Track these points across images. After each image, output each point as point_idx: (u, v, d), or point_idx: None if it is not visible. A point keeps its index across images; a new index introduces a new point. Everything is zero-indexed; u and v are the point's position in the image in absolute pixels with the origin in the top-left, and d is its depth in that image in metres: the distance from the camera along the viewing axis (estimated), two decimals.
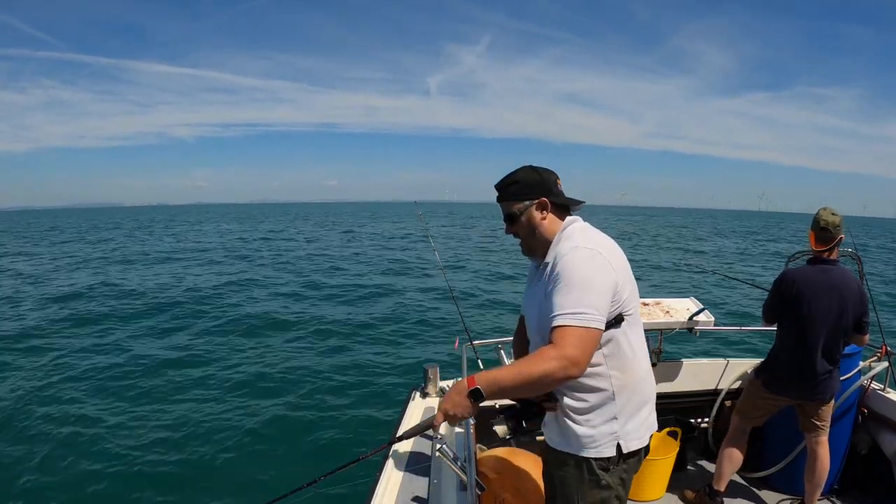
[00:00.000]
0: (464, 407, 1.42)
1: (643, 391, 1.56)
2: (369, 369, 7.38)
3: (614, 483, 1.52)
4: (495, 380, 1.37)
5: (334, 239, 32.53)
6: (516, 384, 1.34)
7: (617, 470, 1.52)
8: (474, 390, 1.38)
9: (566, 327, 1.33)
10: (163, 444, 5.15)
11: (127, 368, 7.42)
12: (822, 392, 2.60)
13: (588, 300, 1.35)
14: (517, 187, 1.59)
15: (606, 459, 1.50)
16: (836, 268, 2.57)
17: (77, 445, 5.11)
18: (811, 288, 2.53)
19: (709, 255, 24.76)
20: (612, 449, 1.49)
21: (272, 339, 9.08)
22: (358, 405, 6.15)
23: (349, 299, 12.74)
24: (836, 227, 2.53)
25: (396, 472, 2.20)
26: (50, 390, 6.58)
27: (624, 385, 1.50)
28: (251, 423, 5.68)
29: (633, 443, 1.51)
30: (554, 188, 1.59)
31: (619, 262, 1.49)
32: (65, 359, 7.90)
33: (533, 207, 1.57)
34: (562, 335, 1.33)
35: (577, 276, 1.39)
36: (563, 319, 1.34)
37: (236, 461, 4.87)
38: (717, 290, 13.43)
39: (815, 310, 2.52)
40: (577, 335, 1.32)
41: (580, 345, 1.32)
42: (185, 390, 6.63)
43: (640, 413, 1.54)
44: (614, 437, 1.49)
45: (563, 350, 1.30)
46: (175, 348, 8.49)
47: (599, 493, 1.52)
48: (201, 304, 11.95)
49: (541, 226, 1.58)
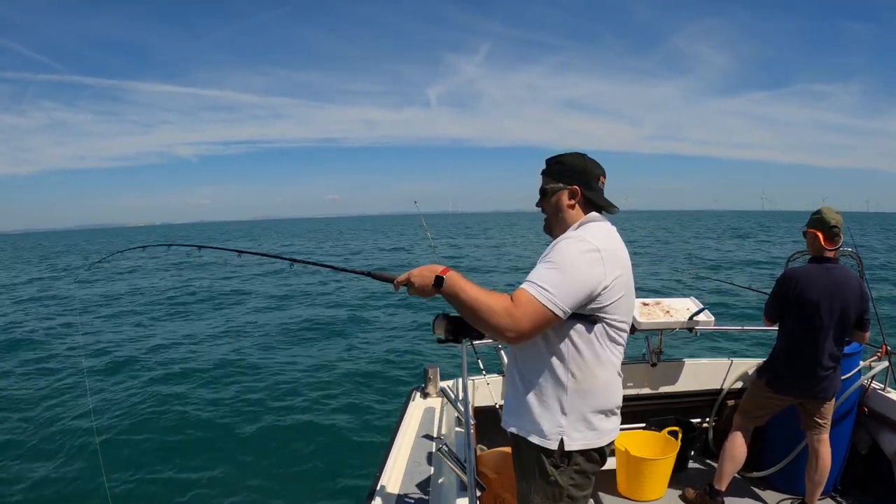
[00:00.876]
0: (425, 283, 1.45)
1: (603, 399, 1.53)
2: (369, 369, 7.39)
3: (564, 482, 1.52)
4: (458, 284, 1.41)
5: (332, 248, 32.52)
6: (468, 302, 1.39)
7: (567, 469, 1.52)
8: (439, 277, 1.43)
9: (526, 293, 1.37)
10: (152, 454, 5.15)
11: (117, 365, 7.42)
12: (825, 390, 2.61)
13: (561, 284, 1.37)
14: (559, 167, 1.61)
15: (551, 452, 1.51)
16: (838, 266, 2.59)
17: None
18: (815, 287, 2.54)
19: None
20: (554, 443, 1.50)
21: (271, 338, 9.08)
22: (357, 405, 6.15)
23: (347, 299, 12.74)
24: (841, 226, 2.56)
25: (396, 471, 2.20)
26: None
27: (580, 386, 1.49)
28: (249, 421, 5.68)
29: (575, 443, 1.50)
30: (594, 182, 1.60)
31: (615, 265, 1.47)
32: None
33: (565, 192, 1.58)
34: (519, 297, 1.37)
35: (563, 260, 1.41)
36: (528, 286, 1.38)
37: (234, 461, 4.88)
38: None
39: (819, 309, 2.52)
40: (531, 305, 1.35)
41: (530, 315, 1.35)
42: (177, 391, 6.64)
43: (593, 418, 1.52)
44: (559, 431, 1.50)
45: (513, 309, 1.35)
46: (170, 350, 8.50)
47: (549, 488, 1.53)
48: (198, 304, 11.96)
49: (565, 211, 1.59)
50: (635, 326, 3.12)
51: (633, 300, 1.58)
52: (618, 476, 2.92)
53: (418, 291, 1.48)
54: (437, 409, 2.98)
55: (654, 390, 3.32)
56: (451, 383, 3.07)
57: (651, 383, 3.31)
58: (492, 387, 3.06)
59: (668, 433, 3.04)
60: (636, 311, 3.15)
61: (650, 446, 2.97)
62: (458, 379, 2.99)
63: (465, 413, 2.09)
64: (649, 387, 3.31)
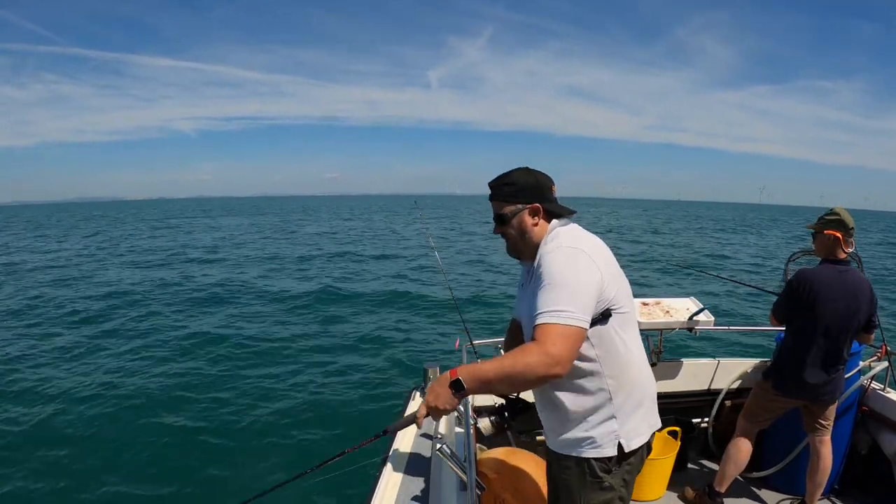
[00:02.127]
0: (446, 399, 1.39)
1: (641, 389, 1.55)
2: (369, 369, 7.38)
3: (616, 484, 1.51)
4: (478, 372, 1.36)
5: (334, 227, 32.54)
6: (498, 378, 1.33)
7: (619, 471, 1.51)
8: (455, 381, 1.37)
9: (548, 325, 1.31)
10: (152, 443, 5.16)
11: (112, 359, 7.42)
12: (832, 392, 2.60)
13: (570, 298, 1.34)
14: (512, 189, 1.57)
15: (608, 460, 1.50)
16: (850, 269, 2.56)
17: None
18: (829, 290, 2.50)
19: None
20: (612, 448, 1.49)
21: (269, 338, 9.07)
22: (357, 405, 6.15)
23: (347, 297, 12.74)
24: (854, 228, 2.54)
25: (396, 472, 2.19)
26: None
27: (620, 384, 1.49)
28: (246, 422, 5.68)
29: (633, 441, 1.51)
30: (549, 194, 1.58)
31: (603, 260, 1.47)
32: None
33: (525, 212, 1.56)
34: (544, 333, 1.31)
35: (560, 275, 1.38)
36: (545, 318, 1.32)
37: (231, 460, 4.88)
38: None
39: (833, 311, 2.49)
40: (560, 333, 1.30)
41: (562, 342, 1.30)
42: (179, 384, 6.63)
43: (638, 411, 1.53)
44: (614, 436, 1.49)
45: (545, 347, 1.29)
46: (169, 340, 8.50)
47: (602, 494, 1.51)
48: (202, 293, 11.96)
49: (531, 231, 1.57)
50: None
51: (628, 285, 1.57)
52: None
53: (444, 409, 1.40)
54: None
55: None
56: None
57: None
58: None
59: (668, 433, 3.04)
60: (636, 312, 3.16)
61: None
62: None
63: (465, 413, 2.09)
64: None
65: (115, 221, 54.17)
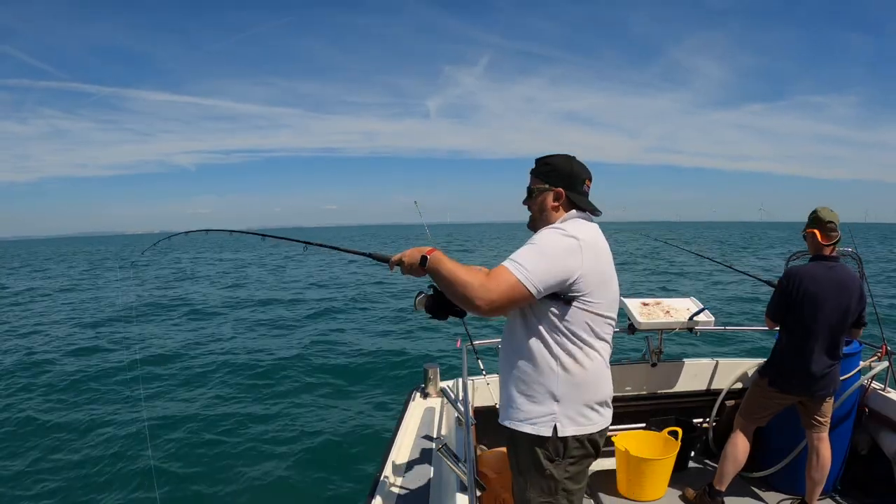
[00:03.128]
0: (413, 262, 1.56)
1: (594, 386, 1.57)
2: (369, 369, 7.39)
3: (559, 475, 1.54)
4: (440, 261, 1.52)
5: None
6: (447, 278, 1.49)
7: (562, 462, 1.54)
8: (424, 256, 1.53)
9: (503, 268, 1.45)
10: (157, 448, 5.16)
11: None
12: (826, 388, 2.62)
13: (536, 263, 1.45)
14: (546, 168, 1.66)
15: (544, 441, 1.53)
16: (839, 265, 2.61)
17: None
18: (818, 285, 2.56)
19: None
20: (548, 429, 1.53)
21: (267, 337, 9.08)
22: (357, 405, 6.16)
23: (348, 297, 12.74)
24: (837, 223, 2.59)
25: (397, 471, 2.20)
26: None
27: (570, 371, 1.53)
28: (248, 422, 5.69)
29: (569, 428, 1.53)
30: (579, 186, 1.65)
31: (592, 257, 1.51)
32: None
33: (550, 194, 1.64)
34: (496, 272, 1.46)
35: (542, 243, 1.50)
36: (507, 262, 1.47)
37: (232, 461, 4.88)
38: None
39: (822, 306, 2.54)
40: (506, 278, 1.43)
41: (502, 287, 1.43)
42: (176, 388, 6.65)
43: (584, 408, 1.56)
44: (551, 417, 1.53)
45: (488, 282, 1.44)
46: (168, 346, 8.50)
47: (545, 482, 1.55)
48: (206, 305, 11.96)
49: (549, 212, 1.64)
50: (635, 326, 3.12)
51: (616, 293, 1.62)
52: (618, 476, 2.91)
53: (409, 270, 1.59)
54: (437, 409, 2.98)
55: (654, 390, 3.32)
56: (451, 383, 3.07)
57: (651, 383, 3.31)
58: (492, 387, 3.06)
59: (668, 433, 3.04)
60: (636, 312, 3.16)
61: (650, 446, 2.97)
62: (458, 379, 2.99)
63: (465, 413, 2.09)
64: (649, 387, 3.31)
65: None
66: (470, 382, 2.85)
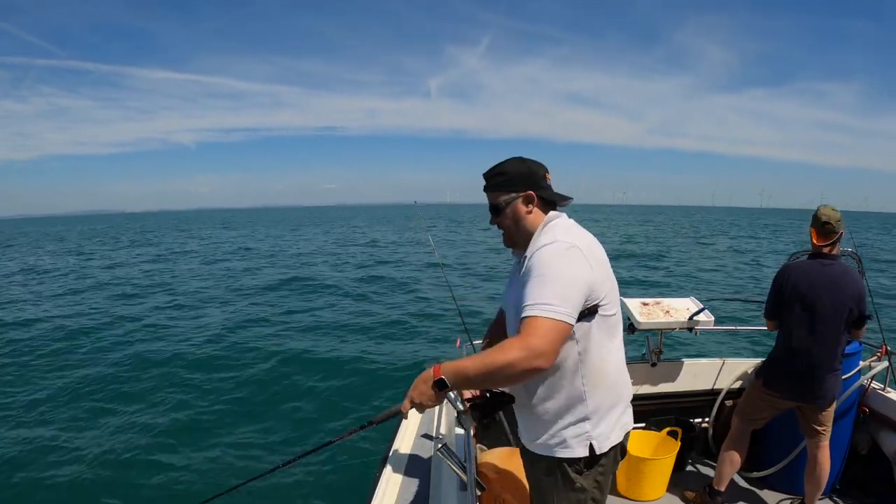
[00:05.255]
0: (428, 395, 1.39)
1: (617, 392, 1.54)
2: (369, 369, 7.38)
3: (589, 486, 1.51)
4: (460, 369, 1.35)
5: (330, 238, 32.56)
6: (480, 374, 1.32)
7: (591, 472, 1.50)
8: (439, 380, 1.37)
9: (534, 318, 1.30)
10: (159, 434, 5.16)
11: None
12: (823, 394, 2.55)
13: (559, 293, 1.33)
14: (504, 178, 1.57)
15: (579, 461, 1.49)
16: (836, 262, 2.55)
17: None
18: (810, 282, 2.52)
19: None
20: (584, 449, 1.48)
21: (266, 337, 9.07)
22: (357, 404, 6.15)
23: (349, 297, 12.75)
24: (837, 222, 2.53)
25: (396, 471, 2.19)
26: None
27: (596, 386, 1.48)
28: (247, 420, 5.68)
29: (605, 444, 1.49)
30: (542, 181, 1.57)
31: (597, 258, 1.47)
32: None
33: (519, 200, 1.56)
34: (529, 326, 1.30)
35: (551, 270, 1.37)
36: (532, 310, 1.32)
37: (232, 459, 4.88)
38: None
39: (815, 304, 2.49)
40: (545, 326, 1.29)
41: (547, 336, 1.29)
42: (176, 385, 6.64)
43: (612, 413, 1.52)
44: (586, 437, 1.48)
45: (528, 340, 1.28)
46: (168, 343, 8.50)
47: (574, 495, 1.51)
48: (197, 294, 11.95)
49: (525, 219, 1.57)
50: (635, 326, 3.12)
51: (617, 288, 1.56)
52: (618, 476, 2.92)
53: (427, 404, 1.42)
54: (437, 409, 2.97)
55: (653, 390, 3.32)
56: None
57: (651, 383, 3.31)
58: None
59: (668, 433, 3.04)
60: (636, 311, 3.16)
61: (650, 446, 2.97)
62: None
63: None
64: (649, 387, 3.31)
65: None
66: None
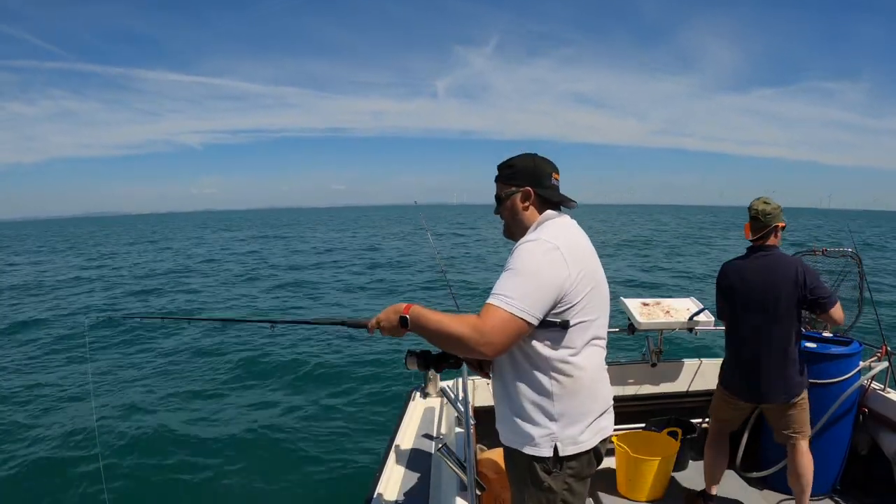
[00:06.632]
0: (391, 324, 1.48)
1: (590, 395, 1.52)
2: (369, 369, 7.38)
3: (557, 487, 1.50)
4: (422, 317, 1.42)
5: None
6: (433, 330, 1.39)
7: (560, 474, 1.50)
8: (402, 317, 1.45)
9: (493, 306, 1.35)
10: (151, 453, 5.16)
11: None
12: (776, 393, 2.46)
13: (522, 290, 1.36)
14: (510, 171, 1.60)
15: (546, 460, 1.49)
16: (771, 254, 2.48)
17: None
18: (741, 276, 2.49)
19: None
20: (548, 450, 1.49)
21: (265, 335, 9.07)
22: (357, 404, 6.15)
23: (349, 296, 12.74)
24: (766, 216, 2.47)
25: (396, 471, 2.20)
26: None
27: (566, 390, 1.47)
28: (247, 421, 5.68)
29: (569, 447, 1.48)
30: (545, 180, 1.58)
31: (579, 262, 1.45)
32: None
33: (518, 195, 1.58)
34: (487, 312, 1.35)
35: (523, 265, 1.40)
36: (493, 299, 1.36)
37: (233, 461, 4.88)
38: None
39: (747, 298, 2.46)
40: (501, 318, 1.34)
41: (500, 327, 1.33)
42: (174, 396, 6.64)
43: (583, 420, 1.50)
44: (551, 438, 1.48)
45: (482, 325, 1.33)
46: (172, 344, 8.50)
47: (543, 495, 1.51)
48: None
49: (520, 214, 1.59)
50: (635, 326, 3.12)
51: (606, 292, 1.56)
52: (618, 476, 2.92)
53: (390, 332, 1.50)
54: (437, 409, 2.98)
55: (653, 390, 3.32)
56: (451, 383, 3.07)
57: (651, 383, 3.31)
58: (491, 387, 3.06)
59: (668, 433, 3.04)
60: (636, 312, 3.16)
61: (650, 446, 2.97)
62: (458, 379, 2.99)
63: (465, 413, 2.09)
64: (649, 387, 3.31)
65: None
66: (470, 382, 2.85)
